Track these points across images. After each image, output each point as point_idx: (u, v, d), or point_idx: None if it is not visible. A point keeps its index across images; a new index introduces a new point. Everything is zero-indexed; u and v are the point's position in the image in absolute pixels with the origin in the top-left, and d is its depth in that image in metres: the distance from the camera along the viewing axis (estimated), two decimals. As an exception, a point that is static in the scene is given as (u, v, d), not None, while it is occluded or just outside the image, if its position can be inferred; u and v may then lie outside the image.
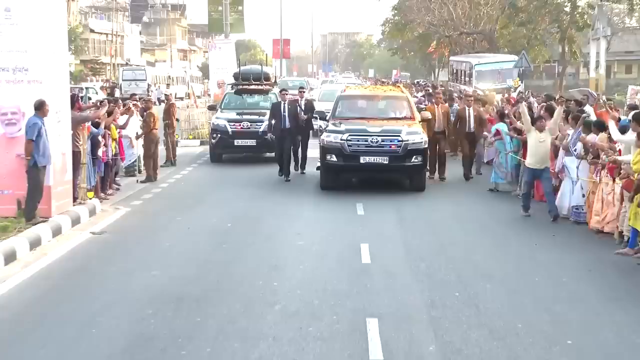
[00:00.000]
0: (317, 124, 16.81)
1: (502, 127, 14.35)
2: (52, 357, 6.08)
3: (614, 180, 10.21)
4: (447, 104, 17.36)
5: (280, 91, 16.78)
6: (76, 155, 11.78)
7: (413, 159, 13.73)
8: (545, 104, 14.98)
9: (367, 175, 14.55)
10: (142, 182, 15.17)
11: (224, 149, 18.54)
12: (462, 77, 38.76)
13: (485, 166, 16.74)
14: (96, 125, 12.78)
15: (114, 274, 8.66)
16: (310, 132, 17.17)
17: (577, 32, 44.58)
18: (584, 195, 11.30)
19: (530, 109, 15.02)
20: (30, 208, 10.19)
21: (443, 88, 30.72)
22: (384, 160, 13.62)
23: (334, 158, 13.80)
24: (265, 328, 6.76)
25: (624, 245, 9.72)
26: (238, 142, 18.20)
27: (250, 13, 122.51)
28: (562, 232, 10.88)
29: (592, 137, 10.99)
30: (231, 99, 20.05)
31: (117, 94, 41.60)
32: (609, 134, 10.62)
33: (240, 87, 19.94)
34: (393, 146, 13.59)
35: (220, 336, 6.55)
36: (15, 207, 10.39)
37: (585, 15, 44.15)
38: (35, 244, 9.49)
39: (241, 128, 18.16)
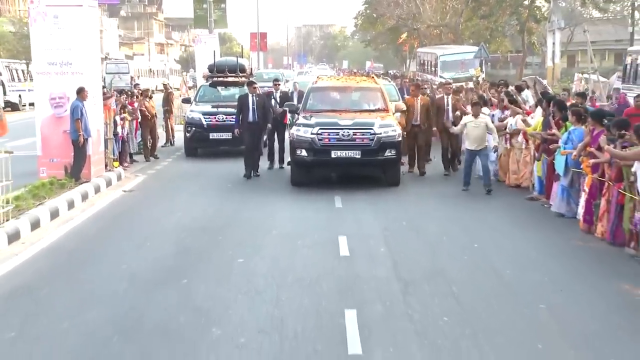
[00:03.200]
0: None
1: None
2: (125, 258, 8.93)
3: (527, 144, 13.24)
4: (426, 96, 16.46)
5: (248, 84, 15.87)
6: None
7: (387, 153, 13.35)
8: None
9: (340, 170, 14.23)
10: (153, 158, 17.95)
11: (199, 143, 18.23)
12: (429, 67, 41.92)
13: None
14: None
15: (149, 216, 11.58)
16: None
17: (535, 24, 47.84)
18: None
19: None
20: (77, 171, 13.06)
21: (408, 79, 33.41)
22: (356, 154, 13.20)
23: (304, 153, 13.35)
24: (268, 242, 9.74)
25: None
26: (213, 135, 17.80)
27: (228, 7, 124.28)
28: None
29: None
30: (206, 91, 19.55)
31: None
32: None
33: (215, 79, 19.42)
34: (365, 140, 13.21)
35: (236, 247, 9.47)
36: (63, 172, 13.21)
37: (544, 8, 47.44)
38: (84, 197, 12.42)
39: (216, 121, 17.80)
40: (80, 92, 13.12)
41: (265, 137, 16.48)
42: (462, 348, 6.12)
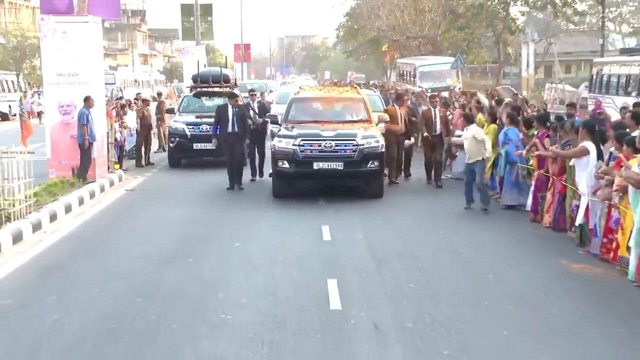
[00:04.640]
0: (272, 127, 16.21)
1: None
2: (135, 243, 10.29)
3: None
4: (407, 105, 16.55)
5: (230, 96, 15.46)
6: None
7: (369, 165, 13.29)
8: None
9: (322, 182, 14.05)
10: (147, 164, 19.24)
11: (183, 153, 18.32)
12: (408, 78, 43.56)
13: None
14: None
15: (153, 211, 12.93)
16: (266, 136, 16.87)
17: (510, 36, 49.66)
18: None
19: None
20: (83, 172, 14.41)
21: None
22: (339, 166, 13.14)
23: (286, 164, 13.28)
24: (259, 231, 11.15)
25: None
26: (197, 146, 17.83)
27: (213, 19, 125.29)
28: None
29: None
30: (190, 101, 19.55)
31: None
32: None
33: (199, 89, 18.89)
34: (348, 151, 13.15)
35: (232, 235, 10.85)
36: (70, 173, 14.53)
37: (519, 21, 49.26)
38: (92, 195, 13.80)
39: (200, 132, 17.87)
40: (87, 100, 14.45)
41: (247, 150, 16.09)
42: (423, 305, 7.53)
